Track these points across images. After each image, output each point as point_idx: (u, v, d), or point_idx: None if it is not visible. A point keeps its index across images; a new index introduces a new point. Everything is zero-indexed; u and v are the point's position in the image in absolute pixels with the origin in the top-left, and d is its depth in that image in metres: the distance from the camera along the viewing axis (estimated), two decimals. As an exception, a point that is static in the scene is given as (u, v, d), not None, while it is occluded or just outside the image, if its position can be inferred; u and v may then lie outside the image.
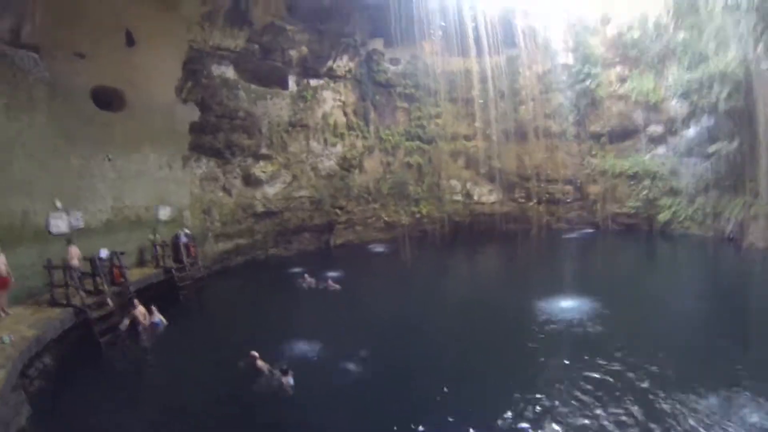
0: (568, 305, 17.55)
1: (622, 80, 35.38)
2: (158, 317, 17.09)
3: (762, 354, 12.14)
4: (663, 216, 32.86)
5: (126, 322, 16.00)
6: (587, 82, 36.09)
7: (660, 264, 27.76)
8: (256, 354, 12.67)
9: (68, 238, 16.58)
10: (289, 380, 11.54)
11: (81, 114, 18.75)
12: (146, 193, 22.68)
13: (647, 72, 33.80)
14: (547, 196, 39.16)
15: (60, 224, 17.62)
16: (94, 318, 14.70)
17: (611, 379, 11.05)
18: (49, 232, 17.05)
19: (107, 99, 20.41)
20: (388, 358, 13.40)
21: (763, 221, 25.50)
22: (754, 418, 9.00)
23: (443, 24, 35.37)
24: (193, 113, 25.66)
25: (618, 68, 35.55)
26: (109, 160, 20.29)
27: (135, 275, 19.15)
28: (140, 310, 16.70)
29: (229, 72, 27.82)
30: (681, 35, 30.30)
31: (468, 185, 39.74)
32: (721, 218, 28.91)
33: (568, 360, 12.49)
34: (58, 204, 17.59)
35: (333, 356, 13.50)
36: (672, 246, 30.59)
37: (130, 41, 20.64)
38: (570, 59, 37.40)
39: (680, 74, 29.94)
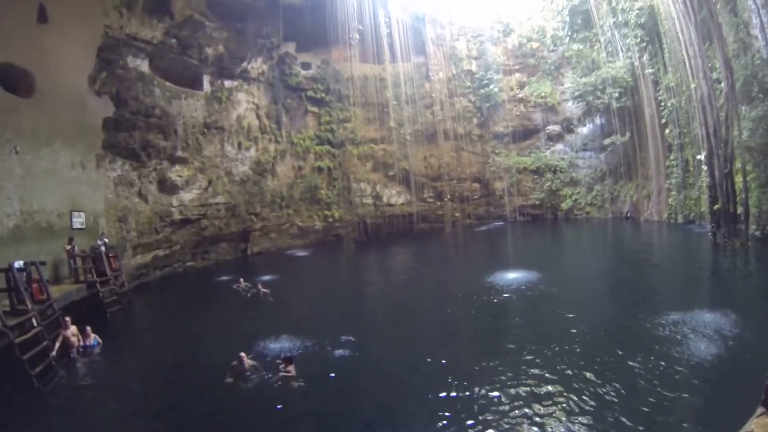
0: (500, 279, 18.39)
1: (522, 85, 37.18)
2: (94, 338, 13.55)
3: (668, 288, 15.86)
4: (565, 204, 34.77)
5: (57, 345, 12.13)
6: (490, 87, 37.14)
7: (572, 241, 29.41)
8: (243, 354, 10.63)
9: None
10: (292, 370, 10.20)
11: (-17, 94, 14.51)
12: (57, 195, 18.27)
13: (544, 78, 35.81)
14: (456, 194, 39.38)
15: (-40, 230, 13.28)
16: (19, 344, 10.68)
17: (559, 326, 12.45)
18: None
19: (14, 81, 16.14)
20: (365, 343, 12.69)
21: (655, 198, 27.91)
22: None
23: (361, 28, 34.22)
24: (107, 107, 21.50)
25: (517, 75, 37.35)
26: (17, 153, 15.96)
27: (54, 293, 14.76)
28: (72, 330, 13.09)
29: (144, 66, 23.95)
30: (576, 46, 32.53)
31: (377, 187, 38.89)
32: (618, 201, 31.31)
33: (513, 317, 14.32)
34: (-42, 205, 13.25)
35: (309, 348, 12.27)
36: (578, 228, 32.51)
37: (42, 17, 16.56)
38: (473, 66, 38.28)
39: (575, 79, 32.02)
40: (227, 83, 30.25)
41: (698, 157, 22.97)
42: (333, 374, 10.59)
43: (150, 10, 22.18)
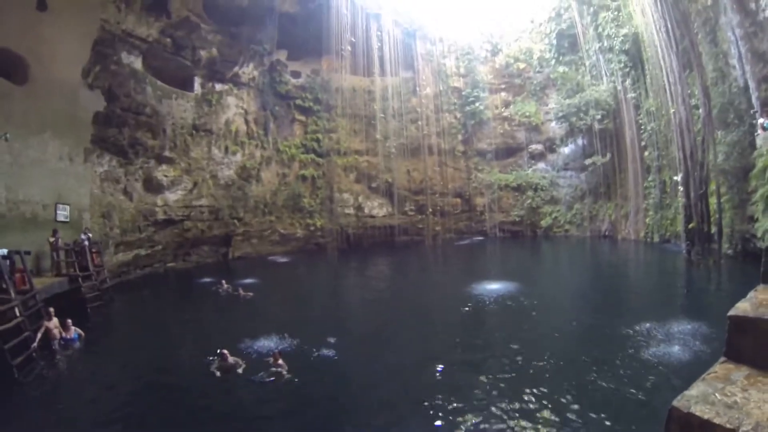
0: (480, 289, 18.43)
1: (507, 104, 37.93)
2: (74, 331, 13.15)
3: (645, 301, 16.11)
4: (545, 222, 35.38)
5: (39, 336, 11.79)
6: (476, 104, 37.80)
7: (551, 257, 29.89)
8: (225, 351, 10.63)
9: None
10: (283, 364, 10.23)
11: (-22, 78, 14.24)
12: (44, 186, 17.99)
13: (529, 98, 36.68)
14: (438, 208, 39.61)
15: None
16: (2, 332, 10.29)
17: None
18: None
19: (8, 67, 15.92)
20: (348, 346, 12.63)
21: (633, 218, 28.74)
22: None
23: (353, 40, 34.57)
24: (98, 102, 21.23)
25: (503, 94, 38.09)
26: (6, 140, 15.67)
27: (36, 285, 14.22)
28: (54, 322, 12.75)
29: (138, 63, 23.73)
30: (561, 69, 33.53)
31: (360, 199, 38.85)
32: (597, 220, 32.06)
33: (491, 324, 14.50)
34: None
35: (293, 349, 12.00)
36: (557, 245, 33.03)
37: (42, 4, 16.41)
38: (461, 83, 38.93)
39: (560, 100, 32.89)
40: (218, 86, 30.10)
41: (675, 178, 23.78)
42: (317, 372, 10.55)
43: (147, 7, 22.14)
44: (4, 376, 9.75)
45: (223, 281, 20.84)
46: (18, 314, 11.40)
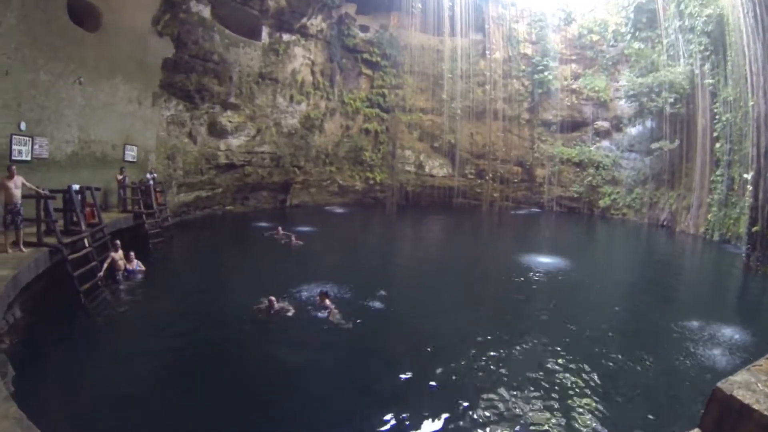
0: (531, 261, 18.33)
1: (576, 76, 35.72)
2: (137, 264, 14.21)
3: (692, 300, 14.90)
4: (603, 202, 33.71)
5: (105, 266, 12.81)
6: (544, 73, 35.86)
7: (606, 239, 28.65)
8: (272, 297, 11.12)
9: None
10: (330, 305, 10.92)
11: (54, 23, 14.92)
12: (113, 128, 19.06)
13: (600, 72, 34.28)
14: (497, 174, 38.71)
15: (23, 150, 13.95)
16: (72, 260, 11.26)
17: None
18: (11, 158, 13.21)
19: (82, 14, 16.66)
20: (397, 300, 13.01)
21: (694, 211, 26.69)
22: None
23: (424, -2, 33.44)
24: (167, 48, 21.98)
25: (573, 65, 35.87)
26: (80, 83, 16.61)
27: (103, 219, 15.60)
28: (120, 254, 13.77)
29: (206, 12, 24.10)
30: (636, 45, 30.86)
31: (421, 157, 38.49)
32: (656, 208, 30.05)
33: (538, 297, 14.28)
34: (23, 125, 13.88)
35: (343, 297, 12.40)
36: (613, 227, 31.44)
37: (115, -48, 16.90)
38: (530, 50, 36.96)
39: (631, 78, 30.44)
40: (285, 37, 30.14)
41: (745, 176, 21.67)
42: (367, 321, 10.90)
43: (216, -43, 22.20)
44: (72, 300, 10.72)
45: (279, 228, 21.50)
46: (87, 245, 12.43)
